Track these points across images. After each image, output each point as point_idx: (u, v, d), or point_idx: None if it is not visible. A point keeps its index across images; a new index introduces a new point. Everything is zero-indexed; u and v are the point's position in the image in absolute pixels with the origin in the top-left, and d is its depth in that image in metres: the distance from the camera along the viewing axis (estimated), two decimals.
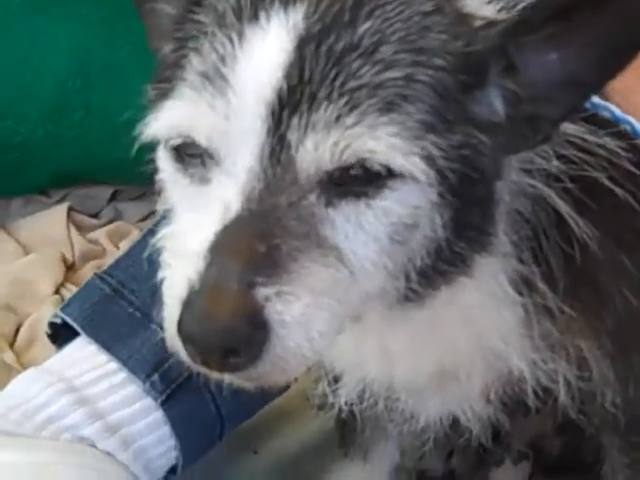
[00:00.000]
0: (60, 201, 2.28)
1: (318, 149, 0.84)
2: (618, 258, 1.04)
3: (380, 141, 0.84)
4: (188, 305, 0.83)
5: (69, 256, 2.11)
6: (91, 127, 2.15)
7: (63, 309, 1.37)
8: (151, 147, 0.95)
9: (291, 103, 0.84)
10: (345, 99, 0.84)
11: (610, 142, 1.01)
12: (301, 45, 0.85)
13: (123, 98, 1.15)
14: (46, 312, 1.84)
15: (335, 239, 0.86)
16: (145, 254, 1.03)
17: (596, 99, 1.01)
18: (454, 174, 0.88)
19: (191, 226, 0.88)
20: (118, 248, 2.11)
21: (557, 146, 0.98)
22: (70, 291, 1.96)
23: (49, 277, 2.00)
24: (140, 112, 0.95)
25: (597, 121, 1.01)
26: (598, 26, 0.87)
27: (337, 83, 0.84)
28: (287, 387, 1.47)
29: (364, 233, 0.87)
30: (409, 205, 0.87)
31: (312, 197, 0.86)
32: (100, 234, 2.19)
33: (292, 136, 0.84)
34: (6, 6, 2.10)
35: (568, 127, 0.98)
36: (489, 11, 0.96)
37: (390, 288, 0.93)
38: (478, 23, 0.91)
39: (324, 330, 0.85)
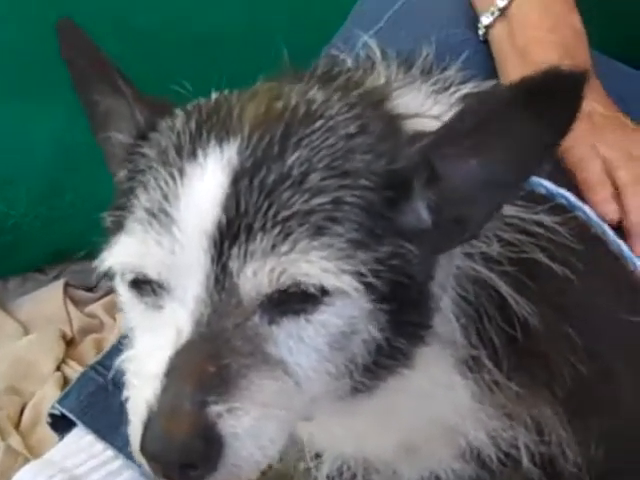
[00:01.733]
0: (56, 277, 2.34)
1: (257, 275, 0.89)
2: (562, 330, 1.08)
3: (313, 264, 0.89)
4: (148, 425, 0.88)
5: (68, 332, 2.16)
6: (82, 207, 2.21)
7: (60, 401, 1.44)
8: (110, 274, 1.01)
9: (230, 235, 0.89)
10: (278, 228, 0.89)
11: (546, 218, 1.05)
12: (236, 179, 0.90)
13: (111, 178, 1.22)
14: (49, 391, 1.91)
15: (280, 354, 0.91)
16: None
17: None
18: (385, 283, 0.93)
19: (148, 349, 0.94)
20: (115, 320, 2.16)
21: (496, 229, 1.03)
22: (70, 367, 2.03)
23: (50, 355, 2.06)
24: None
25: (533, 198, 1.06)
26: (517, 132, 0.91)
27: (270, 214, 0.89)
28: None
29: (305, 346, 0.92)
30: (344, 316, 0.92)
31: (256, 318, 0.91)
32: (97, 307, 2.24)
33: (233, 265, 0.89)
34: None
35: (506, 208, 1.03)
36: (426, 106, 1.04)
37: (335, 388, 0.97)
38: (403, 136, 0.96)
39: (274, 437, 0.91)
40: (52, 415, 1.46)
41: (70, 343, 2.15)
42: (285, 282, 0.90)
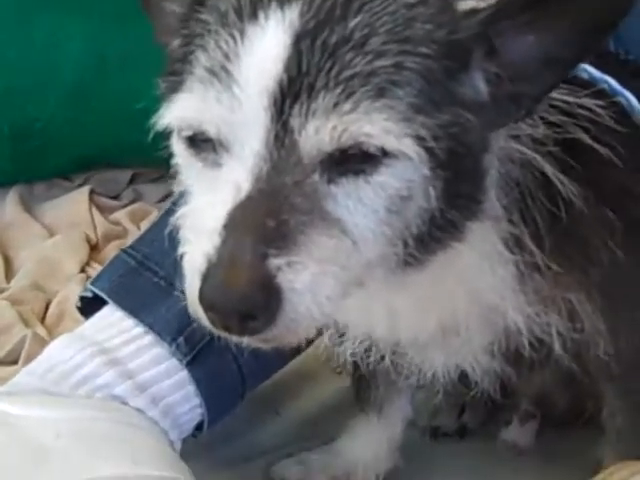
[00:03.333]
0: (82, 185, 2.37)
1: (319, 133, 0.90)
2: (602, 213, 1.10)
3: (375, 125, 0.90)
4: (207, 277, 0.90)
5: (92, 237, 2.19)
6: (108, 113, 2.23)
7: (93, 283, 1.45)
8: (166, 132, 1.01)
9: (292, 93, 0.91)
10: (341, 87, 0.90)
11: (589, 102, 1.07)
12: (298, 40, 0.91)
13: (138, 85, 1.22)
14: (73, 290, 1.92)
15: (338, 213, 0.93)
16: (166, 231, 1.10)
17: None
18: (444, 150, 0.94)
19: (206, 205, 0.95)
20: (139, 228, 2.19)
21: (541, 112, 1.04)
22: (95, 269, 2.04)
23: (74, 257, 2.09)
24: (154, 100, 1.01)
25: (576, 82, 1.07)
26: (572, 11, 0.93)
27: (333, 73, 0.91)
28: (302, 349, 1.54)
29: (363, 206, 0.94)
30: (403, 179, 0.94)
31: (315, 176, 0.92)
32: (121, 215, 2.27)
33: (294, 122, 0.91)
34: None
35: None
36: None
37: (390, 254, 0.99)
38: (459, 12, 0.97)
39: (331, 295, 0.92)
40: (82, 299, 1.47)
41: (94, 248, 2.17)
42: (346, 141, 0.91)
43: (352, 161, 0.93)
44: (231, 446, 1.57)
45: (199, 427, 1.43)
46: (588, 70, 1.10)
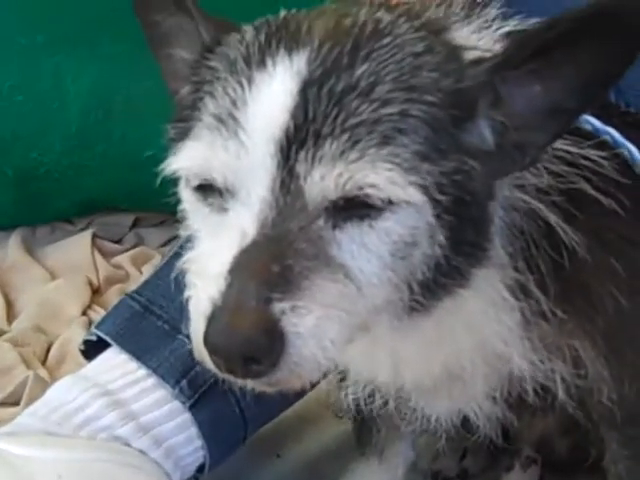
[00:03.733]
0: (84, 228, 2.38)
1: (324, 180, 0.92)
2: (606, 261, 1.10)
3: (380, 175, 0.91)
4: (212, 320, 0.91)
5: (94, 280, 2.20)
6: (113, 158, 2.26)
7: (97, 326, 1.46)
8: (171, 178, 1.03)
9: (298, 140, 0.92)
10: (347, 135, 0.92)
11: (593, 153, 1.07)
12: (305, 88, 0.93)
13: (143, 130, 1.24)
14: (75, 332, 1.94)
15: (342, 258, 0.94)
16: (172, 275, 1.11)
17: None
18: (448, 197, 0.95)
19: (212, 250, 0.96)
20: (141, 272, 2.20)
21: (545, 162, 1.05)
22: (96, 312, 2.06)
23: (76, 300, 2.09)
24: (159, 146, 1.03)
25: (580, 133, 1.07)
26: (577, 60, 0.94)
27: (339, 120, 0.92)
28: (305, 392, 1.54)
29: (368, 251, 0.95)
30: (408, 226, 0.95)
31: (320, 221, 0.93)
32: (123, 259, 2.28)
33: (300, 168, 0.92)
34: (31, 43, 2.21)
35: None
36: (475, 41, 1.05)
37: (395, 300, 0.99)
38: (467, 56, 0.99)
39: (335, 339, 0.93)
40: (86, 343, 1.48)
41: (96, 292, 2.18)
42: (351, 189, 0.92)
43: (357, 207, 0.94)
44: None
45: (201, 469, 1.44)
46: (591, 122, 1.11)
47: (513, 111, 0.99)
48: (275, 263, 0.91)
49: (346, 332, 0.95)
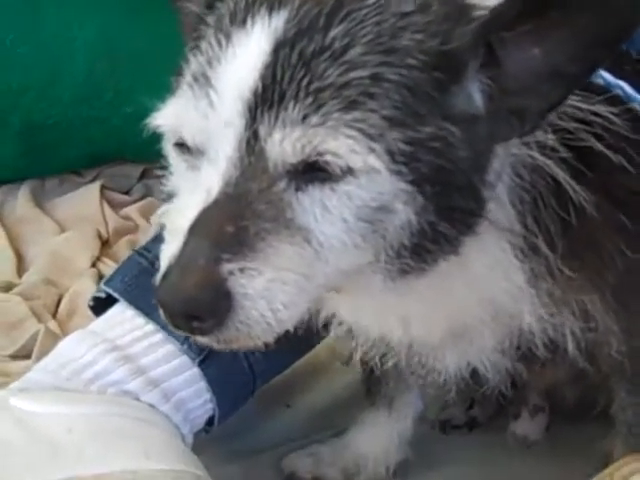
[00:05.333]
0: (93, 180, 2.37)
1: (283, 143, 0.91)
2: (615, 217, 1.09)
3: (340, 141, 0.90)
4: (164, 277, 0.92)
5: (104, 232, 2.20)
6: (120, 108, 2.23)
7: (106, 283, 1.46)
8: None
9: (265, 101, 0.91)
10: (311, 99, 0.90)
11: (603, 109, 1.05)
12: (277, 48, 0.92)
13: (149, 80, 1.23)
14: (84, 285, 1.95)
15: (304, 221, 0.93)
16: None
17: None
18: (425, 165, 0.93)
19: (184, 206, 0.96)
20: (150, 223, 2.19)
21: (553, 118, 1.03)
22: (106, 264, 2.07)
23: (86, 252, 2.10)
24: (165, 95, 1.02)
25: (590, 88, 1.05)
26: (576, 22, 0.91)
27: (304, 83, 0.90)
28: (314, 345, 1.56)
29: (330, 215, 0.93)
30: (372, 191, 0.93)
31: (282, 184, 0.93)
32: (132, 210, 2.28)
33: (263, 130, 0.91)
34: None
35: None
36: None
37: (372, 263, 0.99)
38: (478, 14, 0.95)
39: (288, 301, 0.93)
40: (94, 299, 1.49)
41: (105, 243, 2.18)
42: (310, 155, 0.91)
43: (319, 170, 0.93)
44: (242, 439, 1.59)
45: (210, 422, 1.45)
46: (603, 76, 1.08)
47: (510, 74, 0.96)
48: (230, 223, 0.91)
49: (304, 295, 0.95)
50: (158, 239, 1.50)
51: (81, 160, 2.37)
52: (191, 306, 0.91)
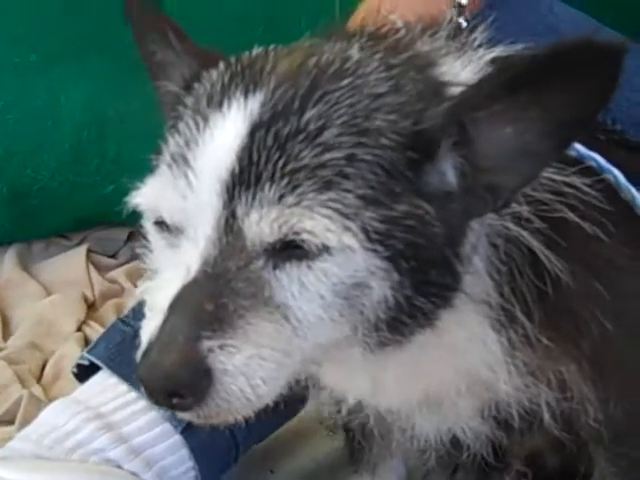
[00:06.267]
0: (79, 244, 2.39)
1: (260, 223, 0.93)
2: (591, 286, 1.10)
3: (316, 221, 0.92)
4: (145, 354, 0.93)
5: (90, 295, 2.20)
6: (106, 174, 2.26)
7: (90, 351, 1.48)
8: None
9: (242, 181, 0.93)
10: (287, 180, 0.93)
11: (577, 180, 1.07)
12: (253, 130, 0.94)
13: (135, 146, 1.25)
14: (70, 349, 1.95)
15: (283, 298, 0.95)
16: None
17: None
18: (400, 242, 0.95)
19: (164, 283, 0.98)
20: (136, 286, 2.19)
21: (528, 189, 1.04)
22: (92, 328, 2.07)
23: (72, 316, 2.10)
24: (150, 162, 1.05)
25: (564, 159, 1.06)
26: (546, 103, 0.93)
27: (279, 165, 0.93)
28: (297, 412, 1.57)
29: (307, 292, 0.95)
30: (348, 268, 0.95)
31: (260, 262, 0.94)
32: (118, 274, 2.29)
33: (240, 210, 0.93)
34: (25, 62, 2.22)
35: None
36: (468, 74, 1.05)
37: (347, 338, 1.00)
38: (450, 93, 0.98)
39: (267, 377, 0.94)
40: (78, 366, 1.49)
41: (91, 307, 2.19)
42: (287, 234, 0.93)
43: (295, 248, 0.94)
44: None
45: None
46: (576, 147, 1.10)
47: (482, 152, 0.97)
48: (210, 301, 0.92)
49: (283, 370, 0.96)
50: (140, 307, 1.52)
51: (67, 224, 2.39)
52: (171, 383, 0.92)
